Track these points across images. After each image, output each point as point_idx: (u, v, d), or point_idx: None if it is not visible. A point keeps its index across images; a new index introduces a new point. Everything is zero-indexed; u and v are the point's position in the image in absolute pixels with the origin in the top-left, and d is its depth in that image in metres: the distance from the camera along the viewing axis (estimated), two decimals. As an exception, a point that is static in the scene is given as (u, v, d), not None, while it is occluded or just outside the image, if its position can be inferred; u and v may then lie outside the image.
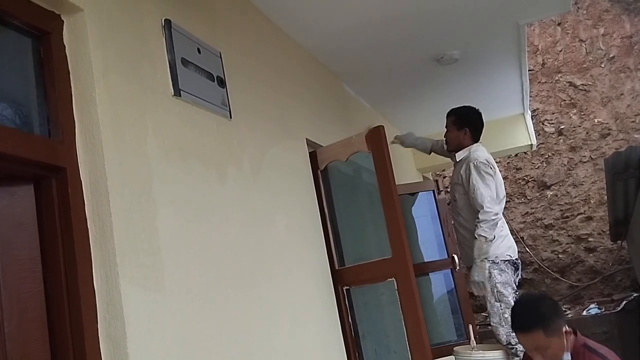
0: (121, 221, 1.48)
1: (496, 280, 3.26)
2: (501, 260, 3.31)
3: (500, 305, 3.27)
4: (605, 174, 5.27)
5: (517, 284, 3.42)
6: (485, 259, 3.24)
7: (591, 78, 8.04)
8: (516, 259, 3.40)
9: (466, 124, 3.56)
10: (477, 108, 3.64)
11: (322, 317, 2.69)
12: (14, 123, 1.39)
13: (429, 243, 4.57)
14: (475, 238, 3.24)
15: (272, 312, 2.19)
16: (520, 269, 3.48)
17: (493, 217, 3.24)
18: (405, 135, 4.23)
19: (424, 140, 4.12)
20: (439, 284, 4.61)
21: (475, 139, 3.56)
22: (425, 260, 4.44)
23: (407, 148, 4.60)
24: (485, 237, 3.22)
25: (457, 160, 3.57)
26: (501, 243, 3.35)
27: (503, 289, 3.26)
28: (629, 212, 5.65)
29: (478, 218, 3.25)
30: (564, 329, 2.25)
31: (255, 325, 2.04)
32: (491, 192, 3.30)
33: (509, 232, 3.51)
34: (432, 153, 4.12)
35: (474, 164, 3.36)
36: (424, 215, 4.69)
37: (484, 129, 3.62)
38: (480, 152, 3.47)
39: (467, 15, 3.34)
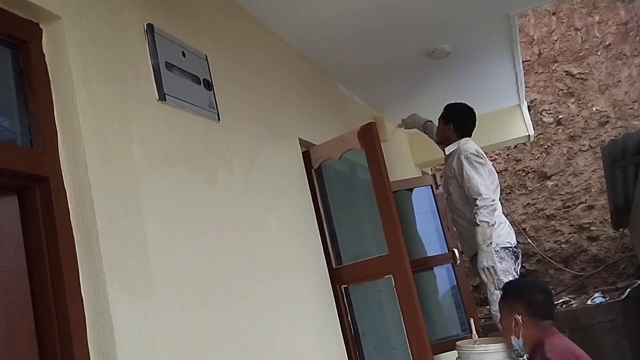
0: (107, 229, 1.47)
1: (496, 268, 3.26)
2: (501, 247, 3.33)
3: (500, 293, 3.26)
4: (603, 162, 5.24)
5: (518, 273, 3.41)
6: (491, 243, 3.25)
7: (588, 66, 8.01)
8: (516, 247, 3.41)
9: (451, 119, 3.63)
10: (470, 106, 3.68)
11: (321, 317, 2.68)
12: (-6, 134, 1.39)
13: (430, 238, 4.55)
14: (478, 224, 3.25)
15: (269, 315, 2.17)
16: (520, 258, 3.48)
17: (491, 203, 3.27)
18: (408, 118, 4.32)
19: (420, 119, 4.23)
20: (441, 278, 4.59)
21: (462, 135, 3.60)
22: (426, 256, 4.42)
23: (410, 129, 4.64)
24: (487, 222, 3.25)
25: (447, 154, 3.61)
26: (501, 231, 3.37)
27: (503, 276, 3.27)
28: (629, 199, 5.63)
29: (477, 205, 3.27)
30: (516, 315, 2.36)
31: (251, 329, 2.03)
32: (484, 180, 3.34)
33: (505, 219, 3.52)
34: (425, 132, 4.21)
35: (464, 155, 3.40)
36: (424, 210, 4.68)
37: (476, 122, 3.65)
38: (469, 144, 3.52)
39: (457, 7, 3.32)
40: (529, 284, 2.69)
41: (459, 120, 3.62)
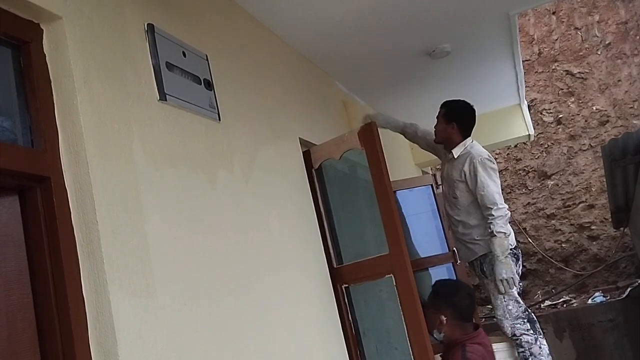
0: (108, 228, 1.47)
1: (515, 280, 3.24)
2: None
3: (504, 298, 3.24)
4: (603, 162, 5.25)
5: (519, 274, 3.39)
6: (509, 255, 3.22)
7: (588, 65, 8.01)
8: (515, 248, 3.38)
9: (455, 118, 3.45)
10: (470, 104, 3.54)
11: (322, 317, 2.68)
12: (-5, 134, 1.39)
13: (430, 238, 4.55)
14: (495, 235, 3.19)
15: (269, 314, 2.18)
16: (521, 259, 3.45)
17: (506, 212, 3.23)
18: (374, 116, 3.78)
19: (396, 120, 3.86)
20: (441, 278, 4.59)
21: (465, 135, 3.46)
22: (426, 255, 4.42)
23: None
24: (504, 233, 3.20)
25: (455, 156, 3.43)
26: None
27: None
28: (629, 198, 5.63)
29: (492, 215, 3.20)
30: (441, 317, 2.69)
31: (252, 328, 2.03)
32: (498, 188, 3.28)
33: None
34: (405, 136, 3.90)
35: (479, 160, 3.29)
36: (424, 210, 4.67)
37: (476, 122, 3.55)
38: (479, 147, 3.42)
39: (457, 7, 3.33)
40: (458, 289, 2.90)
41: (462, 119, 3.47)
